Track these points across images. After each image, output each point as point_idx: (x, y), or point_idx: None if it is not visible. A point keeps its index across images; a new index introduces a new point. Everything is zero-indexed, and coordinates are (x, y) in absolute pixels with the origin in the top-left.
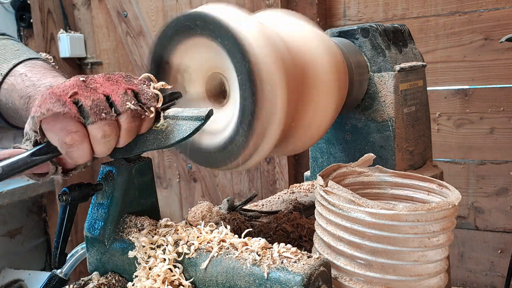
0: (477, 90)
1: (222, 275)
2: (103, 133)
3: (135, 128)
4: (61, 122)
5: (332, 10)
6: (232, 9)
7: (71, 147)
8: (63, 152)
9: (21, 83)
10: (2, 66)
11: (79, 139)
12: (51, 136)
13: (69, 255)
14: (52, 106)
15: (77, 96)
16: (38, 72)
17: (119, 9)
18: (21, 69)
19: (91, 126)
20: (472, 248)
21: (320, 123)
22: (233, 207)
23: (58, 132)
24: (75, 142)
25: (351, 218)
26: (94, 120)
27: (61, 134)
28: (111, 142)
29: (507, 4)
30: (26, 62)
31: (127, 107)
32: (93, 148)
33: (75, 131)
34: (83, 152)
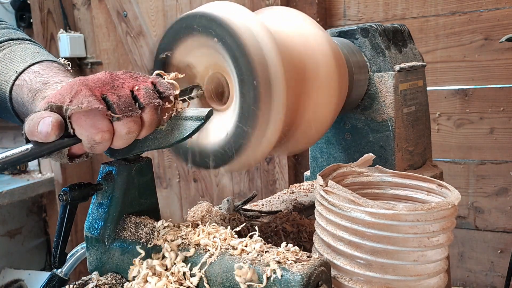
0: (477, 90)
1: (222, 275)
2: (128, 130)
3: (156, 121)
4: (91, 119)
5: (332, 10)
6: (233, 8)
7: (98, 144)
8: (88, 146)
9: (33, 79)
10: (19, 65)
11: (108, 138)
12: (79, 131)
13: (69, 255)
14: (88, 101)
15: (105, 91)
16: (51, 71)
17: (119, 9)
18: (36, 68)
19: (117, 123)
20: (472, 248)
21: (320, 123)
22: (233, 207)
23: (89, 128)
24: (103, 140)
25: (351, 218)
26: (121, 117)
27: (91, 131)
28: (132, 138)
29: (507, 4)
30: (42, 62)
31: (149, 101)
32: (114, 141)
33: (106, 130)
34: (104, 147)
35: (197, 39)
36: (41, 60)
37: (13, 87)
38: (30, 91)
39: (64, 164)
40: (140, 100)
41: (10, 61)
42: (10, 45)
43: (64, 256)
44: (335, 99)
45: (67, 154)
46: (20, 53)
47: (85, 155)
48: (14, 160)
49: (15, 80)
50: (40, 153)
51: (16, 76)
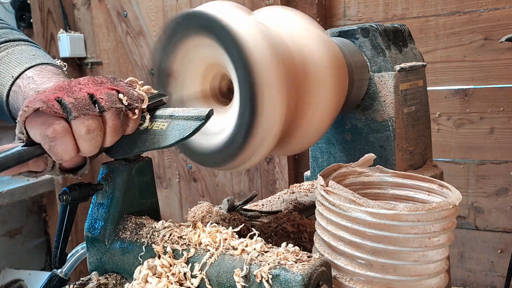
0: (477, 90)
1: (222, 275)
2: (87, 128)
3: (120, 126)
4: (41, 118)
5: (332, 10)
6: (232, 8)
7: (54, 140)
8: (46, 147)
9: (26, 85)
10: (15, 69)
11: (60, 131)
12: (33, 133)
13: (69, 255)
14: (33, 104)
15: (60, 95)
16: (45, 76)
17: (119, 9)
18: (30, 72)
19: (74, 121)
20: (472, 248)
21: (320, 123)
22: (233, 207)
23: (39, 126)
24: (57, 135)
25: (351, 218)
26: (76, 115)
27: (42, 128)
28: (96, 139)
29: (507, 4)
30: (37, 66)
31: (110, 105)
32: (78, 145)
33: (57, 123)
34: (66, 147)
35: (197, 39)
36: (36, 64)
37: (9, 93)
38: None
39: None
40: (101, 104)
41: (6, 65)
42: (7, 48)
43: (64, 256)
44: (335, 99)
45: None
46: (16, 56)
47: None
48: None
49: (11, 86)
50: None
51: (12, 81)
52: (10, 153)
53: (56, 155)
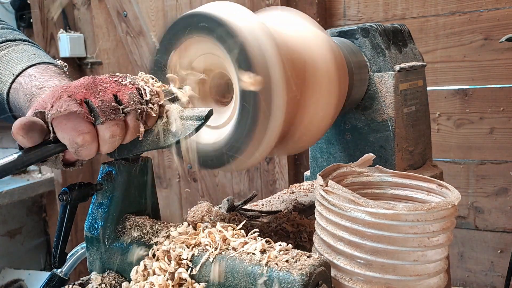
0: (477, 90)
1: (222, 275)
2: (111, 133)
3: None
4: (72, 122)
5: (332, 10)
6: (233, 8)
7: (81, 147)
8: (72, 150)
9: (28, 82)
10: (16, 67)
11: (89, 140)
12: (61, 135)
13: (69, 255)
14: (67, 105)
15: (87, 96)
16: (47, 74)
17: (119, 9)
18: (32, 70)
19: (101, 126)
20: (472, 248)
21: (320, 123)
22: (233, 207)
23: (69, 131)
24: (85, 143)
25: (351, 218)
26: (103, 121)
27: (72, 134)
28: (117, 142)
29: (507, 4)
30: (38, 65)
31: (133, 107)
32: (99, 147)
33: (87, 132)
34: (90, 151)
35: (198, 39)
36: (38, 63)
37: (10, 90)
38: (26, 96)
39: None
40: (124, 105)
41: (7, 63)
42: (8, 47)
43: (64, 256)
44: (335, 99)
45: (61, 161)
46: (17, 55)
47: (79, 163)
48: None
49: (11, 83)
50: (28, 161)
51: (13, 79)
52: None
53: (78, 157)
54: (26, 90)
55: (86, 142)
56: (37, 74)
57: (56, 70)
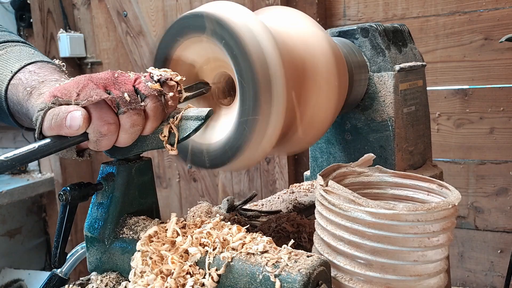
0: (477, 90)
1: (222, 275)
2: (132, 122)
3: (161, 111)
4: (99, 111)
5: (332, 10)
6: (233, 7)
7: (104, 137)
8: (94, 139)
9: (28, 78)
10: (15, 65)
11: (113, 130)
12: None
13: (69, 255)
14: (96, 93)
15: (109, 87)
16: (46, 70)
17: (119, 9)
18: (31, 67)
19: (122, 116)
20: (472, 248)
21: (320, 123)
22: (233, 207)
23: (95, 120)
24: (109, 133)
25: (351, 218)
26: (125, 110)
27: (98, 123)
28: (137, 132)
29: (507, 4)
30: (37, 63)
31: (151, 92)
32: (118, 137)
33: (112, 122)
34: (110, 142)
35: (198, 38)
36: (36, 61)
37: (8, 87)
38: (26, 89)
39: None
40: (141, 92)
41: (5, 62)
42: (5, 47)
43: (64, 256)
44: (335, 99)
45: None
46: (15, 54)
47: (88, 153)
48: (22, 158)
49: (10, 80)
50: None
51: (12, 76)
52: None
53: (97, 147)
54: (26, 84)
55: (110, 132)
56: (37, 70)
57: (55, 68)
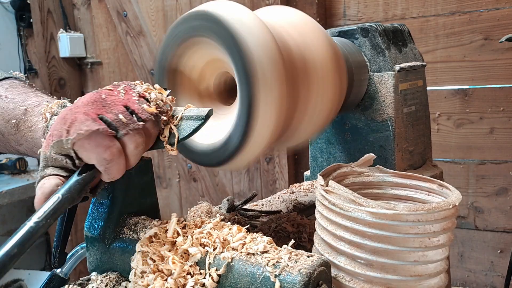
0: (477, 90)
1: (222, 275)
2: (136, 143)
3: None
4: (95, 140)
5: (332, 10)
6: (233, 7)
7: (110, 162)
8: (102, 169)
9: (4, 106)
10: None
11: (117, 153)
12: (87, 155)
13: (69, 255)
14: (85, 125)
15: (99, 111)
16: (18, 92)
17: (119, 9)
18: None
19: (123, 138)
20: (472, 248)
21: (319, 122)
22: (233, 207)
23: (95, 149)
24: (113, 157)
25: (351, 218)
26: (125, 132)
27: (98, 151)
28: (141, 152)
29: (507, 4)
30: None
31: (148, 116)
32: (127, 161)
33: (112, 145)
34: (119, 166)
35: (199, 39)
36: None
37: None
38: (9, 122)
39: None
40: (138, 115)
41: None
42: None
43: (64, 256)
44: (334, 98)
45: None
46: None
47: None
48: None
49: None
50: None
51: None
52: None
53: (110, 175)
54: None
55: (113, 155)
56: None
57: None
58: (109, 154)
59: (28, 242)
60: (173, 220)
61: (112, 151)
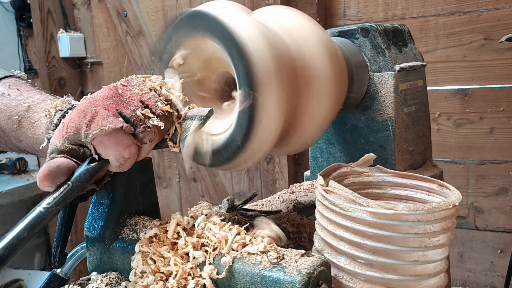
0: (477, 90)
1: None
2: (150, 140)
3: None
4: (115, 137)
5: (332, 9)
6: (232, 7)
7: (127, 161)
8: (117, 165)
9: (6, 103)
10: None
11: (135, 152)
12: (106, 151)
13: (69, 255)
14: (109, 121)
15: (119, 107)
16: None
17: (119, 8)
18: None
19: (140, 136)
20: (471, 248)
21: (319, 123)
22: (233, 207)
23: (115, 147)
24: (131, 155)
25: (351, 218)
26: (142, 130)
27: (118, 149)
28: (152, 146)
29: (507, 4)
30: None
31: (161, 111)
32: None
33: (132, 144)
34: (132, 162)
35: (199, 38)
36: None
37: None
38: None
39: None
40: (153, 111)
41: None
42: None
43: (64, 256)
44: (334, 99)
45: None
46: None
47: (108, 175)
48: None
49: None
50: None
51: None
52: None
53: (120, 169)
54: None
55: (132, 154)
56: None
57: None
58: (128, 153)
59: (37, 226)
60: (173, 221)
61: (131, 150)
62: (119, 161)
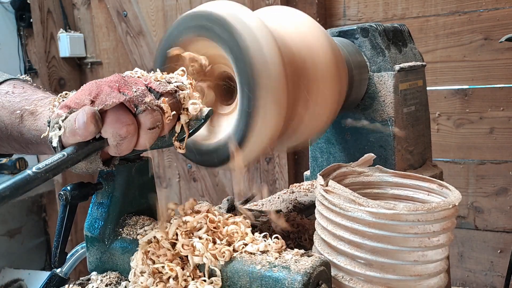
0: (476, 90)
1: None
2: (152, 120)
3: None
4: (115, 114)
5: (332, 9)
6: (233, 7)
7: (124, 140)
8: (114, 143)
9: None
10: None
11: (133, 131)
12: (104, 128)
13: (69, 255)
14: (112, 96)
15: (122, 89)
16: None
17: (119, 8)
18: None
19: (141, 115)
20: (471, 248)
21: (319, 122)
22: (233, 207)
23: (113, 124)
24: (128, 134)
25: (351, 218)
26: (143, 109)
27: (116, 126)
28: (157, 132)
29: (507, 4)
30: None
31: (165, 89)
32: (139, 139)
33: (130, 123)
34: (130, 144)
35: (199, 38)
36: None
37: None
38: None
39: None
40: (155, 90)
41: None
42: None
43: (64, 255)
44: (334, 98)
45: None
46: None
47: (115, 160)
48: (53, 167)
49: None
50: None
51: None
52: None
53: (118, 151)
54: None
55: (129, 133)
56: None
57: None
58: (125, 131)
59: (22, 188)
60: (174, 221)
61: (128, 128)
62: (116, 140)
